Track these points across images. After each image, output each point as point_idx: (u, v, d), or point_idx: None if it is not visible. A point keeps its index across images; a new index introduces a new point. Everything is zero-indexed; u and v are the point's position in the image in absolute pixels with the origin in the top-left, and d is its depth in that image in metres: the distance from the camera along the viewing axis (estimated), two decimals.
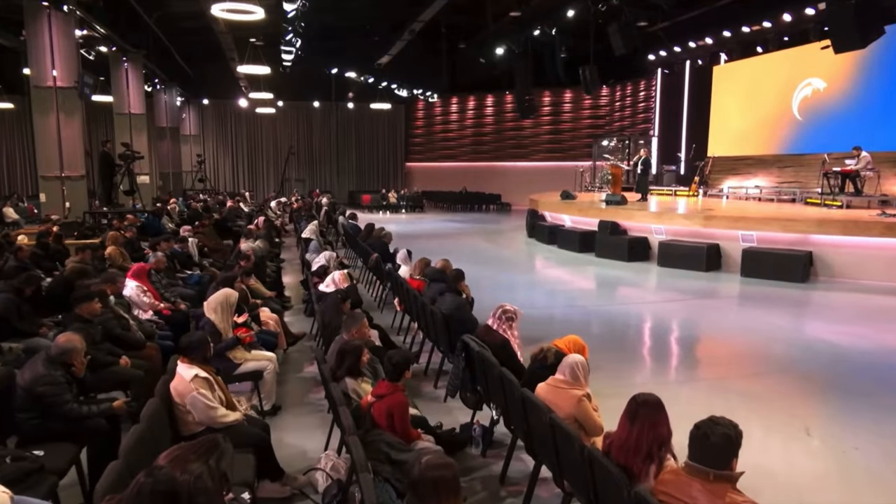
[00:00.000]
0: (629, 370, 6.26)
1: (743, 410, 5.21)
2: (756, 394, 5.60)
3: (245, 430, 3.55)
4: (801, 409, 5.15)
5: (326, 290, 5.61)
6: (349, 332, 4.10)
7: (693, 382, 6.03)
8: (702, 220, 12.00)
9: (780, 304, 9.24)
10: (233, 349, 4.71)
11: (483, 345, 4.11)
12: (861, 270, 10.34)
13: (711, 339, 7.81)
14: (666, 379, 6.25)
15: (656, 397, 2.68)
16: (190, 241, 8.83)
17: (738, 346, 7.39)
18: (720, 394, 5.65)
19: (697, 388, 5.81)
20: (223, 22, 14.96)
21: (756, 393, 5.62)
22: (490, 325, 4.42)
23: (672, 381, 6.10)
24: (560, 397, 3.20)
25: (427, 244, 16.91)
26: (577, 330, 8.04)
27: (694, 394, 5.63)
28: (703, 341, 7.65)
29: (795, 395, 5.52)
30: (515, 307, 4.50)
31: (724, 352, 7.31)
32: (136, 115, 18.74)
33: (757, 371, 6.32)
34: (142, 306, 6.19)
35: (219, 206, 16.55)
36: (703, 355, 7.06)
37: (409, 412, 3.57)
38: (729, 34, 18.08)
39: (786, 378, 6.03)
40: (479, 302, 9.92)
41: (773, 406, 5.30)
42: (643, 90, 24.56)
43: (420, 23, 15.77)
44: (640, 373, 6.25)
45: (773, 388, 5.72)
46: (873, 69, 14.85)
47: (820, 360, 6.60)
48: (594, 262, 13.05)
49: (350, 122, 31.27)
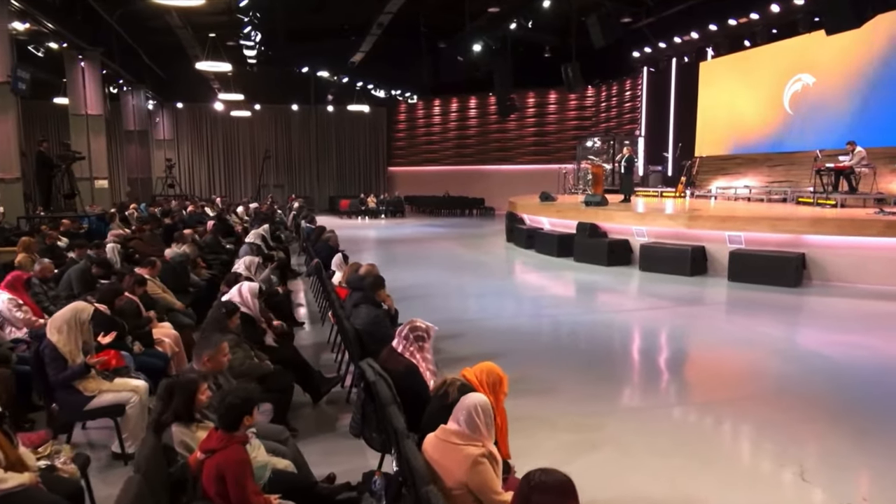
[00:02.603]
0: (595, 394, 5.31)
1: (724, 447, 4.31)
2: (740, 423, 4.68)
3: (35, 498, 2.59)
4: (795, 445, 4.22)
5: None
6: (200, 359, 3.15)
7: (666, 409, 5.08)
8: (686, 220, 11.11)
9: (770, 312, 8.32)
10: (82, 378, 3.74)
11: (381, 372, 3.17)
12: (858, 273, 9.45)
13: (692, 354, 6.87)
14: (635, 404, 5.32)
15: (561, 477, 1.76)
16: (109, 246, 7.85)
17: (723, 364, 6.46)
18: (697, 423, 4.74)
19: (670, 416, 4.87)
20: (175, 13, 14.01)
21: (741, 422, 4.70)
22: (395, 346, 3.46)
23: (642, 408, 5.15)
24: (450, 457, 2.27)
25: (398, 249, 16.00)
26: (543, 343, 7.12)
27: (665, 423, 4.69)
28: (682, 357, 6.70)
29: (788, 426, 4.58)
30: (429, 324, 3.54)
31: (707, 370, 6.37)
32: (94, 116, 17.74)
33: (743, 394, 5.38)
34: (14, 322, 5.22)
35: (173, 211, 15.57)
36: (681, 374, 6.12)
37: (267, 468, 2.62)
38: (715, 28, 17.30)
39: (777, 403, 5.10)
40: (442, 311, 9.08)
41: (761, 440, 4.37)
42: (629, 89, 23.76)
43: (388, 15, 14.87)
44: (608, 397, 5.29)
45: (762, 415, 4.80)
46: (866, 61, 14.03)
47: (816, 379, 5.68)
48: (572, 267, 12.13)
49: (330, 126, 30.33)
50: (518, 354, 6.40)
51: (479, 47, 18.59)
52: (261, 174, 28.50)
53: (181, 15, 15.63)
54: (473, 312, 8.51)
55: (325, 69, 23.02)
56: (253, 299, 4.66)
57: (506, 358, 6.26)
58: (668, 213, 12.03)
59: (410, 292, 10.14)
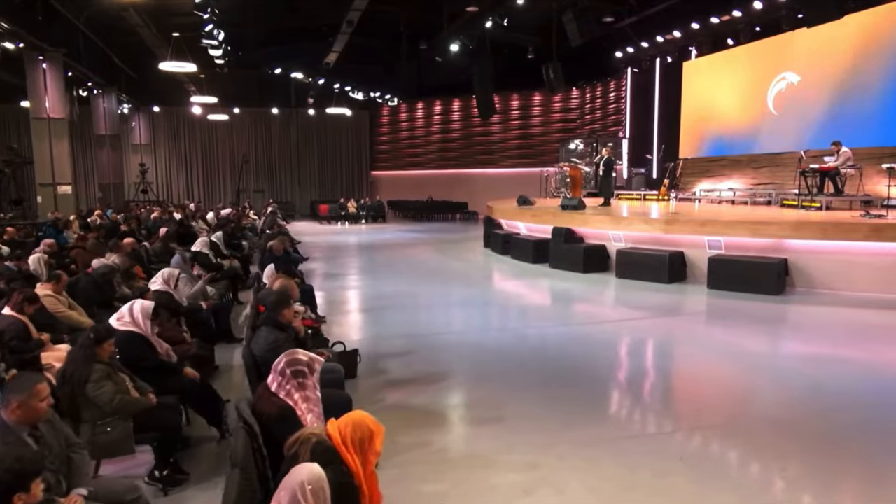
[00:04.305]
0: (547, 421, 4.70)
1: (686, 492, 3.67)
2: (711, 460, 4.08)
3: None
4: (773, 487, 3.64)
5: (117, 324, 4.04)
6: (8, 406, 2.54)
7: (627, 441, 4.41)
8: (663, 224, 10.57)
9: (750, 323, 7.77)
10: None
11: (248, 417, 2.58)
12: (843, 280, 8.92)
13: (663, 374, 6.28)
14: (589, 434, 4.61)
15: None
16: (34, 257, 7.21)
17: (697, 383, 5.90)
18: (655, 460, 4.11)
19: (627, 451, 4.23)
20: (134, 11, 13.40)
21: (711, 458, 4.11)
22: (269, 383, 2.85)
23: (596, 440, 4.51)
24: None
25: (369, 256, 15.40)
26: (501, 360, 6.27)
27: (620, 460, 4.07)
28: (651, 379, 6.09)
29: (764, 460, 4.01)
30: (313, 355, 2.93)
31: (678, 393, 5.76)
32: (57, 119, 17.08)
33: (716, 421, 4.78)
34: None
35: (129, 218, 14.91)
36: (647, 399, 5.51)
37: None
38: (697, 26, 16.84)
39: (753, 432, 4.50)
40: (397, 325, 8.29)
41: (736, 481, 3.77)
42: (613, 91, 23.28)
43: (356, 12, 14.30)
44: (561, 425, 4.66)
45: (736, 447, 4.22)
46: (850, 59, 13.56)
47: (799, 401, 5.12)
48: (547, 274, 11.56)
49: (311, 129, 29.73)
50: (469, 375, 5.82)
51: (457, 47, 18.05)
52: (239, 179, 27.85)
53: (144, 14, 15.03)
54: (430, 326, 7.90)
55: (299, 71, 22.39)
56: (145, 320, 4.05)
57: (454, 379, 5.69)
58: (644, 217, 11.48)
59: (369, 304, 9.57)
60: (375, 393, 5.29)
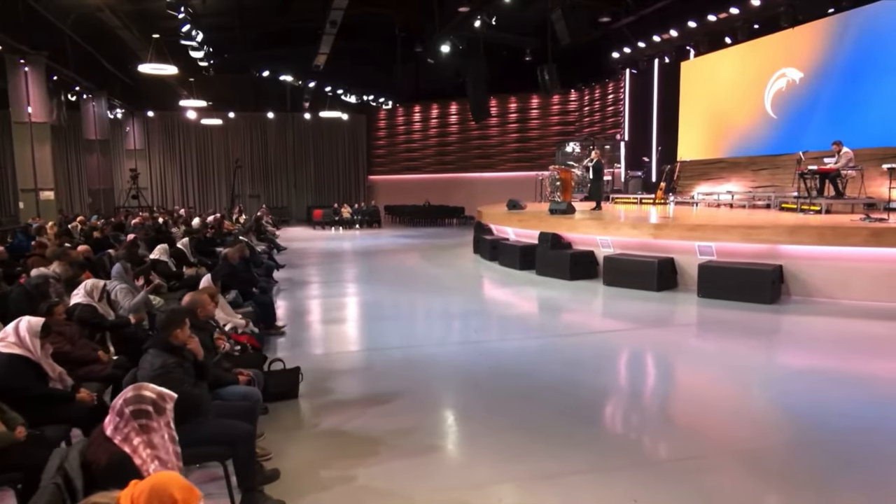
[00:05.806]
0: (497, 451, 4.17)
1: None
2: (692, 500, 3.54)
3: None
4: None
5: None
6: None
7: (596, 473, 3.86)
8: (652, 229, 10.04)
9: (742, 336, 7.23)
10: None
11: (71, 469, 2.10)
12: (842, 288, 8.37)
13: (645, 394, 5.71)
14: (542, 468, 4.03)
15: None
16: None
17: (680, 407, 5.34)
18: (629, 493, 3.59)
19: (584, 486, 3.73)
20: (108, 9, 13.04)
21: (692, 499, 3.55)
22: (104, 427, 2.37)
23: (550, 476, 3.97)
24: None
25: (353, 263, 14.91)
26: (461, 378, 5.66)
27: (572, 498, 3.56)
28: (630, 399, 5.49)
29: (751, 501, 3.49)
30: (164, 390, 2.44)
31: (659, 418, 4.96)
32: (39, 124, 16.76)
33: (702, 452, 4.16)
34: None
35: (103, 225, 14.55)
36: (628, 422, 4.92)
37: None
38: (695, 24, 16.32)
39: (740, 466, 3.96)
40: (362, 337, 7.92)
41: None
42: (611, 92, 22.78)
43: (338, 11, 13.88)
44: (512, 455, 4.13)
45: (723, 486, 3.69)
46: (851, 56, 12.99)
47: (794, 429, 4.60)
48: (532, 282, 11.05)
49: (307, 134, 29.36)
50: (420, 395, 5.31)
51: (447, 48, 17.62)
52: (233, 184, 27.50)
53: (123, 15, 14.70)
54: (396, 339, 7.37)
55: (289, 74, 22.03)
56: (33, 339, 3.60)
57: (402, 400, 5.19)
58: (632, 221, 10.96)
59: (338, 314, 9.11)
60: (313, 416, 4.81)
